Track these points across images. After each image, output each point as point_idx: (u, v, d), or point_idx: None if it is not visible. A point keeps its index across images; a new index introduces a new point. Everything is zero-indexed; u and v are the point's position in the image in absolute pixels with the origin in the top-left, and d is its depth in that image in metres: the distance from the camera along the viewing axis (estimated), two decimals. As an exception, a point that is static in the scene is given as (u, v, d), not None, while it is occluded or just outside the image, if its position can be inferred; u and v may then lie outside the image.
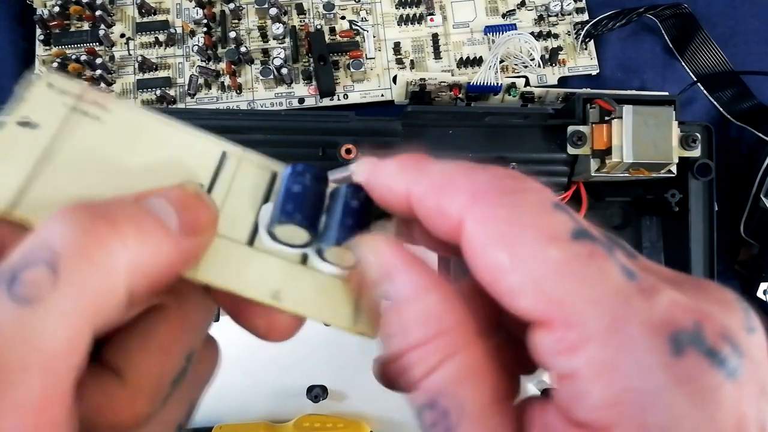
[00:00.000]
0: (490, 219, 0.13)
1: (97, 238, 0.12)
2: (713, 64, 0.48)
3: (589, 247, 0.12)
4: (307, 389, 0.40)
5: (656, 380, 0.11)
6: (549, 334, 0.12)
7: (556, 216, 0.13)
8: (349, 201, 0.16)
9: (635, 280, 0.12)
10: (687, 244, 0.40)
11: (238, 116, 0.39)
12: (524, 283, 0.12)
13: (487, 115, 0.39)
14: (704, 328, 0.11)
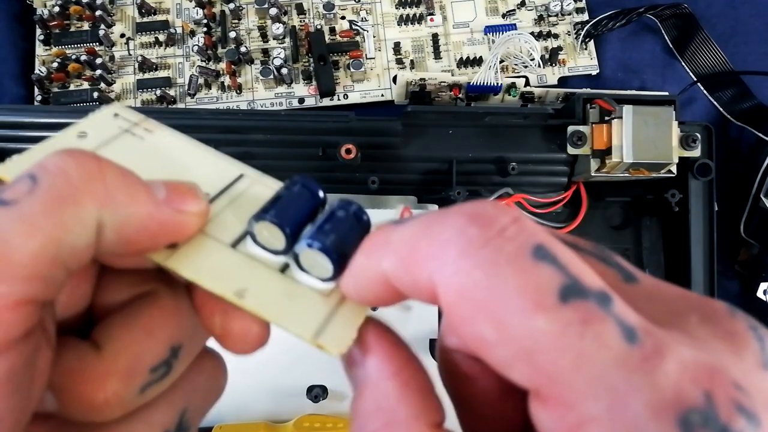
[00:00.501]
0: (465, 288, 0.11)
1: (79, 164, 0.13)
2: (713, 64, 0.48)
3: (581, 309, 0.10)
4: (307, 389, 0.40)
5: None
6: (547, 412, 0.11)
7: (539, 270, 0.11)
8: (335, 210, 0.15)
9: (637, 343, 0.10)
10: (687, 244, 0.40)
11: (238, 116, 0.39)
12: (514, 357, 0.11)
13: (487, 115, 0.39)
14: (715, 398, 0.10)
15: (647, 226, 0.44)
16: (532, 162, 0.39)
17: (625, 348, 0.10)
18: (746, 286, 0.46)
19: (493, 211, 0.11)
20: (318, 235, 0.15)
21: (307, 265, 0.15)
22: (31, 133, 0.38)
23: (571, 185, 0.41)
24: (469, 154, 0.39)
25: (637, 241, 0.44)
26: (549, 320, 0.10)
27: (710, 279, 0.40)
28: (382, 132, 0.39)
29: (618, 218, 0.44)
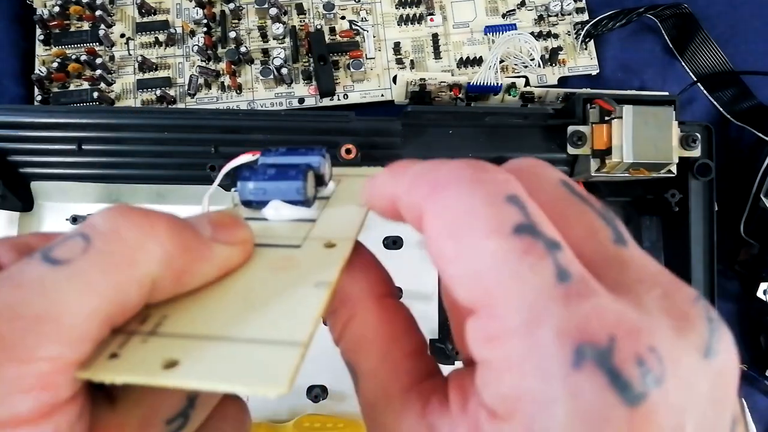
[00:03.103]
0: (443, 210, 0.13)
1: (131, 222, 0.13)
2: (713, 64, 0.48)
3: (527, 242, 0.12)
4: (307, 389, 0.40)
5: (550, 388, 0.11)
6: (475, 322, 0.12)
7: (505, 208, 0.12)
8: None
9: (566, 282, 0.12)
10: (687, 244, 0.40)
11: (238, 116, 0.39)
12: (460, 272, 0.12)
13: (487, 115, 0.39)
14: (617, 346, 0.11)
15: (647, 226, 0.44)
16: (532, 162, 0.39)
17: (554, 282, 0.12)
18: (746, 286, 0.46)
19: (491, 166, 0.14)
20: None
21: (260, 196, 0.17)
22: (31, 133, 0.38)
23: (571, 185, 0.41)
24: (469, 154, 0.39)
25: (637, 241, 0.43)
26: (498, 244, 0.12)
27: (710, 279, 0.40)
28: (382, 132, 0.39)
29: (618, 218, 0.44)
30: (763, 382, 0.45)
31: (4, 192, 0.38)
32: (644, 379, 0.11)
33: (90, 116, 0.38)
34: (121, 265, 0.13)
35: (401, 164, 0.15)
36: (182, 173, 0.39)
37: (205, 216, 0.15)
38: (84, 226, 0.13)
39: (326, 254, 0.16)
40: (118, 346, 0.13)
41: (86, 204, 0.41)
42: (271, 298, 0.14)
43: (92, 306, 0.12)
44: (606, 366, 0.11)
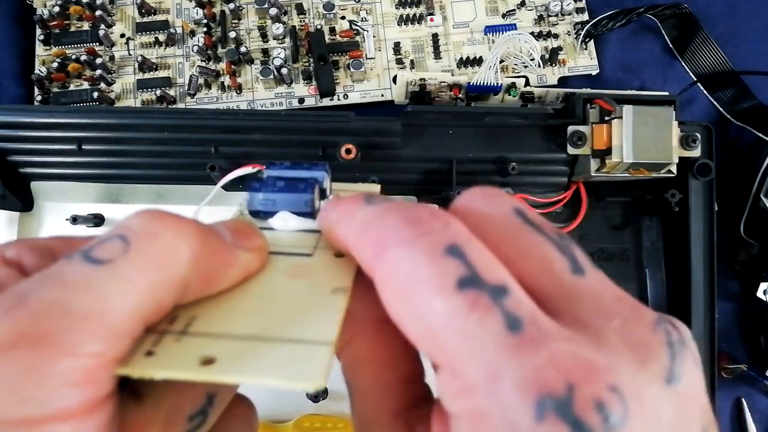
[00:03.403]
0: (389, 275, 0.13)
1: (165, 224, 0.14)
2: (713, 64, 0.48)
3: (471, 297, 0.12)
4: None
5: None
6: (441, 376, 0.13)
7: (445, 263, 0.13)
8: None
9: (518, 332, 0.12)
10: (687, 244, 0.40)
11: (238, 116, 0.39)
12: (419, 333, 0.13)
13: (487, 115, 0.39)
14: (575, 395, 0.11)
15: (647, 226, 0.44)
16: (532, 162, 0.39)
17: (505, 333, 0.12)
18: (746, 286, 0.46)
19: (426, 214, 0.13)
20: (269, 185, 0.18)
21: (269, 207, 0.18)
22: (31, 133, 0.38)
23: (571, 185, 0.41)
24: (469, 154, 0.39)
25: (637, 241, 0.44)
26: (444, 302, 0.12)
27: (710, 279, 0.40)
28: (382, 132, 0.39)
29: (618, 218, 0.44)
30: (763, 382, 0.45)
31: (4, 192, 0.38)
32: (607, 422, 0.11)
33: (90, 116, 0.38)
34: (158, 265, 0.13)
35: (348, 206, 0.15)
36: (182, 173, 0.39)
37: (224, 223, 0.16)
38: (120, 229, 0.14)
39: (337, 263, 0.17)
40: (152, 345, 0.14)
41: (86, 204, 0.41)
42: (293, 303, 0.15)
43: (132, 304, 0.13)
44: (568, 417, 0.11)
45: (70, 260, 0.13)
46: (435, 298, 0.12)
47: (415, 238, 0.13)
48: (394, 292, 0.13)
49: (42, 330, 0.12)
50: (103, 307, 0.12)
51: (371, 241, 0.14)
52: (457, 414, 0.13)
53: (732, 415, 0.46)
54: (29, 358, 0.12)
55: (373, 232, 0.14)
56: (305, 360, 0.13)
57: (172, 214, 0.14)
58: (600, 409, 0.11)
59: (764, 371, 0.45)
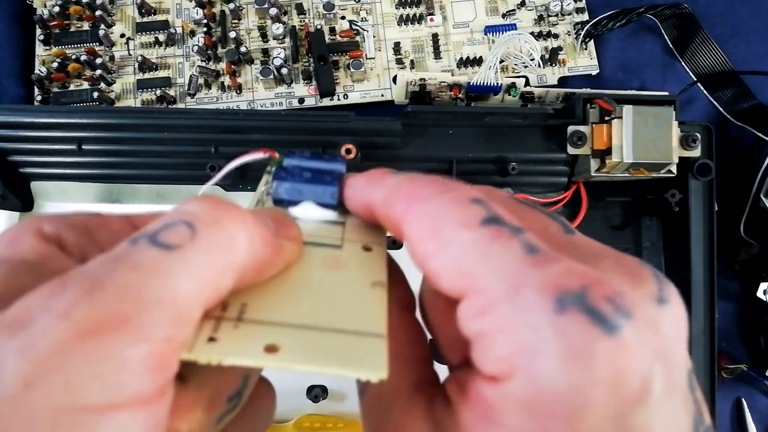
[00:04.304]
0: (421, 217, 0.15)
1: (226, 213, 0.14)
2: (713, 64, 0.48)
3: (494, 230, 0.14)
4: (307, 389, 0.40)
5: (541, 335, 0.13)
6: (465, 303, 0.14)
7: (471, 208, 0.15)
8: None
9: (535, 253, 0.14)
10: (687, 244, 0.40)
11: (238, 116, 0.39)
12: (444, 264, 0.14)
13: (487, 115, 0.39)
14: (589, 291, 0.13)
15: (647, 226, 0.44)
16: (532, 162, 0.39)
17: (524, 255, 0.14)
18: (746, 286, 0.46)
19: (449, 180, 0.16)
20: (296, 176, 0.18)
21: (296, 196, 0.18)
22: (31, 133, 0.38)
23: (571, 185, 0.41)
24: (469, 154, 0.39)
25: (637, 241, 0.44)
26: (470, 233, 0.14)
27: (710, 279, 0.40)
28: (382, 132, 0.39)
29: (618, 218, 0.44)
30: (763, 382, 0.45)
31: (4, 192, 0.38)
32: (616, 313, 0.13)
33: (90, 116, 0.38)
34: (222, 252, 0.14)
35: (376, 174, 0.17)
36: (182, 173, 0.39)
37: (265, 212, 0.16)
38: (184, 214, 0.14)
39: (367, 257, 0.17)
40: (212, 331, 0.14)
41: (86, 204, 0.41)
42: (337, 294, 0.16)
43: (198, 290, 0.13)
44: (584, 306, 0.13)
45: (137, 244, 0.13)
46: (462, 231, 0.14)
47: (443, 192, 0.15)
48: (422, 232, 0.15)
49: (122, 314, 0.12)
50: (173, 292, 0.12)
51: (403, 198, 0.16)
52: (480, 332, 0.14)
53: (732, 415, 0.46)
54: (110, 344, 0.11)
55: (404, 191, 0.16)
56: (366, 351, 0.14)
57: (230, 202, 0.15)
58: (610, 302, 0.13)
59: (764, 371, 0.45)
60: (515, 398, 0.13)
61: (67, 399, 0.11)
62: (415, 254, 0.15)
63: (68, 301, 0.11)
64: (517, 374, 0.13)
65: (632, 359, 0.13)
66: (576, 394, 0.12)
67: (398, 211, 0.16)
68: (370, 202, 0.17)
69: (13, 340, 0.11)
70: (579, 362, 0.12)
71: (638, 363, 0.13)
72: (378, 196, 0.16)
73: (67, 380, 0.11)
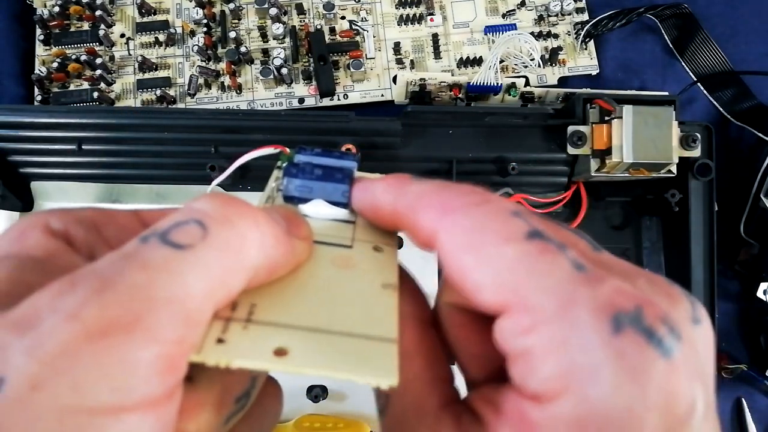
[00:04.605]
0: (458, 229, 0.14)
1: (237, 212, 0.14)
2: (713, 64, 0.48)
3: (540, 245, 0.14)
4: (307, 389, 0.40)
5: (597, 355, 0.12)
6: (508, 319, 0.14)
7: (513, 221, 0.14)
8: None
9: (584, 271, 0.13)
10: (687, 244, 0.40)
11: (238, 116, 0.39)
12: (485, 278, 0.14)
13: (487, 115, 0.39)
14: (644, 312, 0.13)
15: (647, 226, 0.44)
16: (532, 162, 0.39)
17: (573, 272, 0.13)
18: (746, 286, 0.46)
19: (488, 191, 0.15)
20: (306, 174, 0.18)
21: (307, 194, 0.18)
22: (31, 133, 0.38)
23: (571, 185, 0.41)
24: (469, 154, 0.39)
25: (637, 241, 0.44)
26: (514, 249, 0.14)
27: (710, 279, 0.40)
28: (382, 132, 0.39)
29: (618, 218, 0.44)
30: (763, 382, 0.45)
31: (4, 192, 0.38)
32: (671, 335, 0.13)
33: (90, 116, 0.38)
34: (233, 252, 0.13)
35: (397, 180, 0.17)
36: (182, 173, 0.39)
37: (276, 209, 0.16)
38: (195, 213, 0.13)
39: (378, 257, 0.17)
40: (221, 332, 0.14)
41: (86, 204, 0.41)
42: (347, 295, 0.15)
43: (209, 290, 0.13)
44: (641, 327, 0.13)
45: (147, 242, 0.13)
46: (506, 246, 0.14)
47: (481, 203, 0.15)
48: (460, 244, 0.14)
49: (132, 315, 0.11)
50: (184, 292, 0.12)
51: (435, 207, 0.15)
52: (525, 350, 0.13)
53: (732, 415, 0.46)
54: (120, 345, 0.11)
55: (435, 199, 0.15)
56: (376, 357, 0.14)
57: (241, 200, 0.14)
58: (665, 323, 0.13)
59: (764, 371, 0.45)
60: (564, 418, 0.13)
61: (74, 401, 0.11)
62: (450, 266, 0.15)
63: (77, 300, 0.11)
64: (567, 394, 0.13)
65: (682, 379, 0.13)
66: (630, 415, 0.12)
67: (429, 219, 0.15)
68: (391, 208, 0.16)
69: (21, 340, 0.11)
70: (636, 384, 0.12)
71: (687, 385, 0.13)
72: (401, 203, 0.16)
73: (75, 382, 0.11)
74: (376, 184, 0.17)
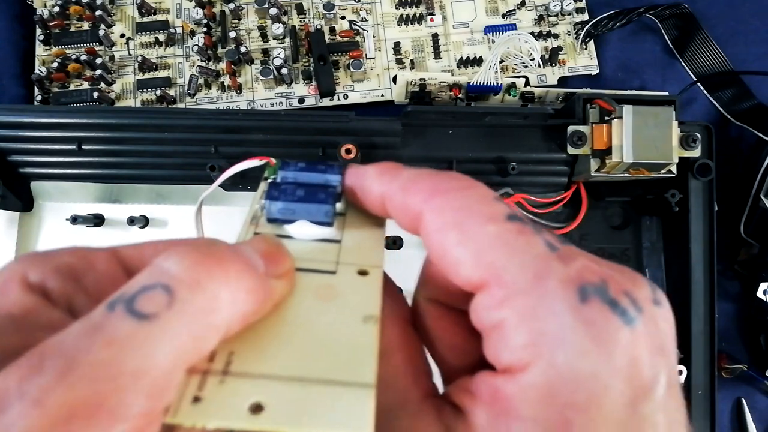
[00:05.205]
0: (444, 209, 0.15)
1: (207, 271, 0.14)
2: (713, 64, 0.48)
3: (518, 226, 0.15)
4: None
5: (565, 323, 0.13)
6: (483, 293, 0.15)
7: (496, 205, 0.15)
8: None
9: (556, 251, 0.15)
10: (687, 244, 0.40)
11: (238, 116, 0.39)
12: (467, 253, 0.15)
13: (487, 115, 0.39)
14: (609, 285, 0.14)
15: (647, 226, 0.44)
16: (532, 162, 0.39)
17: (547, 251, 0.15)
18: (746, 286, 0.46)
19: (474, 180, 0.16)
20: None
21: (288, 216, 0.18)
22: (31, 133, 0.38)
23: (571, 185, 0.41)
24: (469, 154, 0.39)
25: (637, 241, 0.44)
26: (496, 227, 0.15)
27: (710, 279, 0.40)
28: (382, 132, 0.39)
29: (618, 218, 0.44)
30: (763, 382, 0.45)
31: (4, 192, 0.38)
32: (632, 306, 0.14)
33: (90, 116, 0.38)
34: (202, 316, 0.13)
35: (389, 166, 0.17)
36: (182, 173, 0.39)
37: (253, 246, 0.16)
38: (162, 276, 0.13)
39: (362, 283, 0.17)
40: (197, 389, 0.14)
41: (86, 204, 0.41)
42: (326, 333, 0.15)
43: (177, 358, 0.13)
44: (606, 298, 0.14)
45: (113, 313, 0.13)
46: (488, 225, 0.15)
47: (468, 188, 0.16)
48: (445, 223, 0.15)
49: (96, 397, 0.11)
50: (150, 364, 0.12)
51: (424, 189, 0.16)
52: (498, 322, 0.14)
53: (732, 415, 0.46)
54: (86, 430, 0.11)
55: (425, 183, 0.16)
56: (351, 407, 0.14)
57: (214, 255, 0.14)
58: (627, 295, 0.14)
59: (764, 371, 0.45)
60: (534, 387, 0.13)
61: None
62: (432, 243, 0.16)
63: (42, 384, 0.11)
64: (537, 362, 0.13)
65: (645, 350, 0.14)
66: (596, 380, 0.13)
67: (418, 200, 0.16)
68: (383, 193, 0.17)
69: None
70: (601, 349, 0.13)
71: (649, 354, 0.14)
72: (393, 186, 0.17)
73: None
74: (368, 168, 0.18)
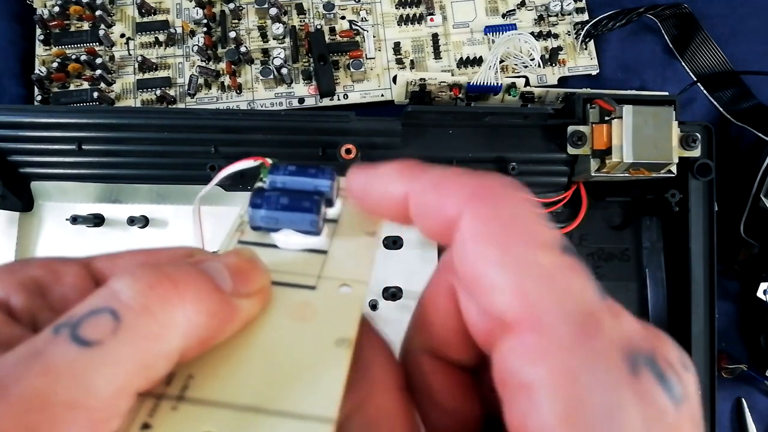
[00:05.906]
0: (489, 217, 0.13)
1: (160, 296, 0.13)
2: (713, 64, 0.48)
3: (572, 261, 0.13)
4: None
5: (613, 399, 0.11)
6: (516, 338, 0.12)
7: (549, 229, 0.13)
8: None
9: (606, 301, 0.13)
10: (687, 244, 0.40)
11: (238, 116, 0.39)
12: (507, 281, 0.12)
13: (487, 115, 0.39)
14: (657, 354, 0.12)
15: (647, 226, 0.44)
16: (532, 162, 0.39)
17: (598, 300, 0.12)
18: (746, 286, 0.46)
19: (520, 184, 0.14)
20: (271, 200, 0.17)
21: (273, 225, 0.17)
22: (31, 133, 0.38)
23: (571, 185, 0.41)
24: (469, 154, 0.39)
25: (637, 241, 0.44)
26: (549, 258, 0.12)
27: (710, 279, 0.40)
28: (382, 132, 0.39)
29: (618, 218, 0.44)
30: (763, 382, 0.45)
31: (4, 192, 0.38)
32: (679, 381, 0.12)
33: (90, 116, 0.38)
34: (150, 342, 0.12)
35: (411, 163, 0.15)
36: (182, 173, 0.39)
37: (224, 262, 0.15)
38: (111, 300, 0.13)
39: (342, 301, 0.16)
40: (148, 414, 0.13)
41: (86, 204, 0.41)
42: (293, 357, 0.14)
43: (122, 385, 0.12)
44: (656, 370, 0.12)
45: (57, 337, 0.12)
46: (541, 253, 0.12)
47: (517, 198, 0.13)
48: (489, 234, 0.13)
49: (25, 428, 0.11)
50: (89, 393, 0.11)
51: (463, 187, 0.14)
52: (532, 382, 0.12)
53: (732, 415, 0.46)
54: None
55: (462, 180, 0.14)
56: None
57: (168, 278, 0.13)
58: (672, 368, 0.12)
59: (764, 371, 0.45)
60: None
61: None
62: (466, 254, 0.13)
63: None
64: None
65: (688, 430, 0.12)
66: None
67: (456, 201, 0.13)
68: (407, 191, 0.15)
69: None
70: (652, 429, 0.12)
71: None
72: (422, 183, 0.14)
73: None
74: (384, 166, 0.15)
